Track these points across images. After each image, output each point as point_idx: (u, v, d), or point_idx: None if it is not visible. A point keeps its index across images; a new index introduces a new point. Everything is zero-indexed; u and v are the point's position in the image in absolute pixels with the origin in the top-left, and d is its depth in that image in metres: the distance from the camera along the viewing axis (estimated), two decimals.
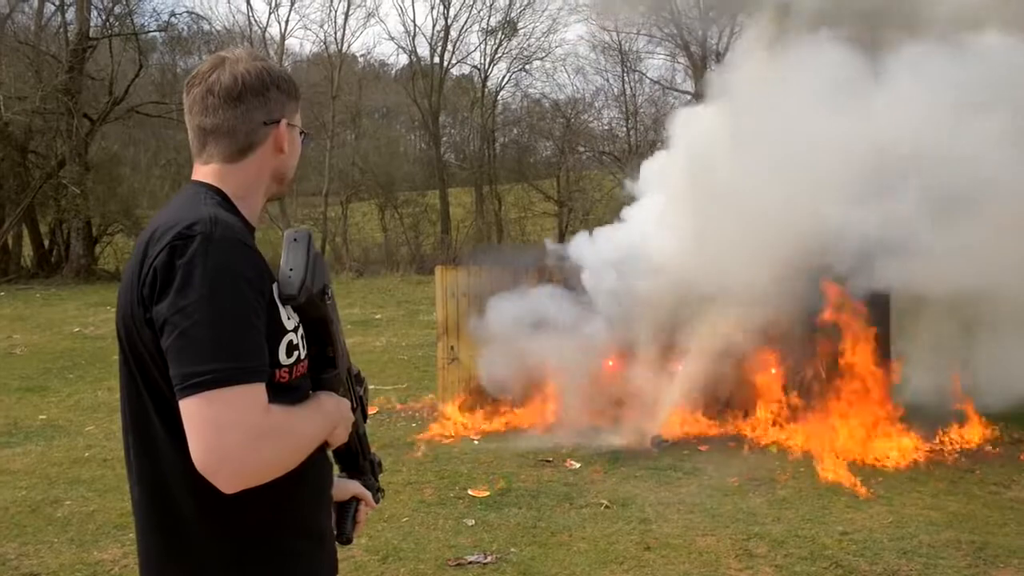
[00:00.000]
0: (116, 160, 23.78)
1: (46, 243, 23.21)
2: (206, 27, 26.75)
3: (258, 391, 1.44)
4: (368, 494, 1.90)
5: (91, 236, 22.25)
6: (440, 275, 7.91)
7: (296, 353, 1.58)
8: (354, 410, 1.79)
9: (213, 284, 1.42)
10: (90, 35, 22.00)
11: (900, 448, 6.39)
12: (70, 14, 22.76)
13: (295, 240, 1.57)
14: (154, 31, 24.86)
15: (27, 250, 23.33)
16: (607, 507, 5.39)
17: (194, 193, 1.61)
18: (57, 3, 23.10)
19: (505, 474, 6.07)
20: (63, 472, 6.25)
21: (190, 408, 1.40)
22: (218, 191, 1.62)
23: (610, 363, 7.34)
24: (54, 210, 22.41)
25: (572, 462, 6.35)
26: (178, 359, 1.42)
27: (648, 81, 25.32)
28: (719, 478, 5.97)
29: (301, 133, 1.74)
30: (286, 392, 1.54)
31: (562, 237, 19.67)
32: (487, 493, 5.66)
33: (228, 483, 1.42)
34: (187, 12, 28.91)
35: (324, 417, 1.63)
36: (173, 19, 25.47)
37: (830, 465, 6.03)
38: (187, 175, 1.71)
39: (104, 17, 22.91)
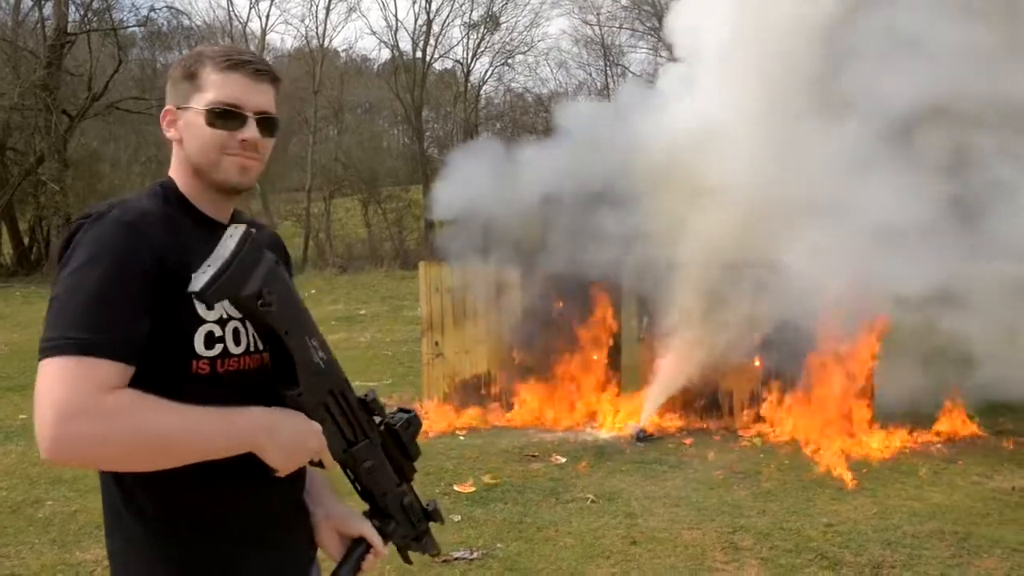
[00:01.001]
0: (96, 157, 23.57)
1: (26, 240, 22.99)
2: (186, 22, 26.60)
3: (101, 368, 1.37)
4: (377, 539, 1.72)
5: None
6: (424, 271, 7.88)
7: (221, 346, 1.54)
8: (356, 440, 1.65)
9: (81, 258, 1.42)
10: (68, 30, 21.77)
11: (883, 440, 6.43)
12: (48, 9, 22.49)
13: (229, 236, 1.48)
14: (133, 26, 24.71)
15: (6, 248, 23.10)
16: (593, 501, 5.39)
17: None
18: None
19: (491, 469, 6.06)
20: (44, 472, 6.19)
21: (38, 372, 1.40)
22: (171, 182, 1.63)
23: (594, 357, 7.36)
24: (33, 207, 22.23)
25: (558, 457, 6.35)
26: (44, 325, 1.43)
27: (631, 75, 25.36)
28: (704, 471, 5.98)
29: (216, 112, 1.56)
30: (210, 384, 1.51)
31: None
32: (473, 489, 5.65)
33: (43, 451, 1.36)
34: (167, 7, 28.57)
35: (229, 426, 1.48)
36: (152, 14, 25.33)
37: (815, 457, 6.06)
38: (167, 171, 1.68)
39: (82, 12, 22.71)
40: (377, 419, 1.72)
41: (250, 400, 1.53)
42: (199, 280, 1.43)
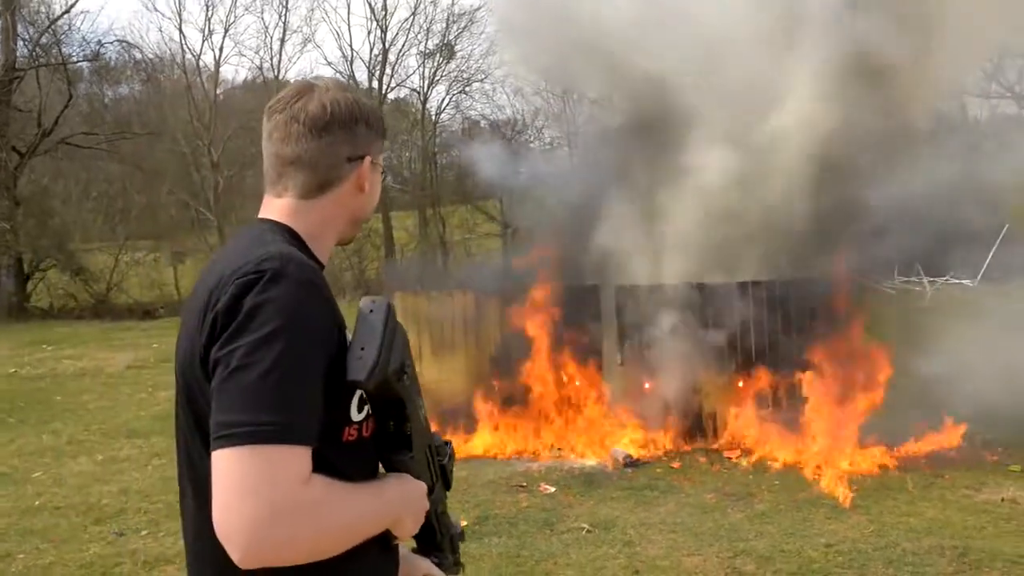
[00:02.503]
0: (46, 193, 23.00)
1: None
2: (137, 55, 26.15)
3: (299, 456, 1.26)
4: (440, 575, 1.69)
5: (23, 272, 21.46)
6: (400, 301, 7.75)
7: (367, 407, 1.45)
8: (433, 488, 1.59)
9: (276, 327, 1.27)
10: (16, 66, 21.33)
11: (869, 455, 6.43)
12: None
13: (371, 312, 1.39)
14: (82, 61, 24.20)
15: None
16: (589, 531, 5.29)
17: (260, 232, 1.47)
18: None
19: (480, 501, 5.93)
20: (13, 523, 5.90)
21: (219, 462, 1.24)
22: (288, 229, 1.49)
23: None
24: None
25: (546, 486, 6.24)
26: (219, 404, 1.27)
27: (587, 101, 25.54)
28: (696, 495, 5.92)
29: (383, 173, 1.61)
30: (355, 451, 1.41)
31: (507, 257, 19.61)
32: (465, 523, 5.51)
33: (239, 555, 1.23)
34: (117, 40, 28.17)
35: (384, 505, 1.43)
36: (102, 48, 24.73)
37: (808, 476, 6.04)
38: (120, 207, 1.60)
39: (31, 47, 22.25)
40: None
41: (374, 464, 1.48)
42: (359, 369, 1.35)
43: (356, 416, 1.42)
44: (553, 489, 6.18)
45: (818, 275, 7.05)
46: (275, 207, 1.52)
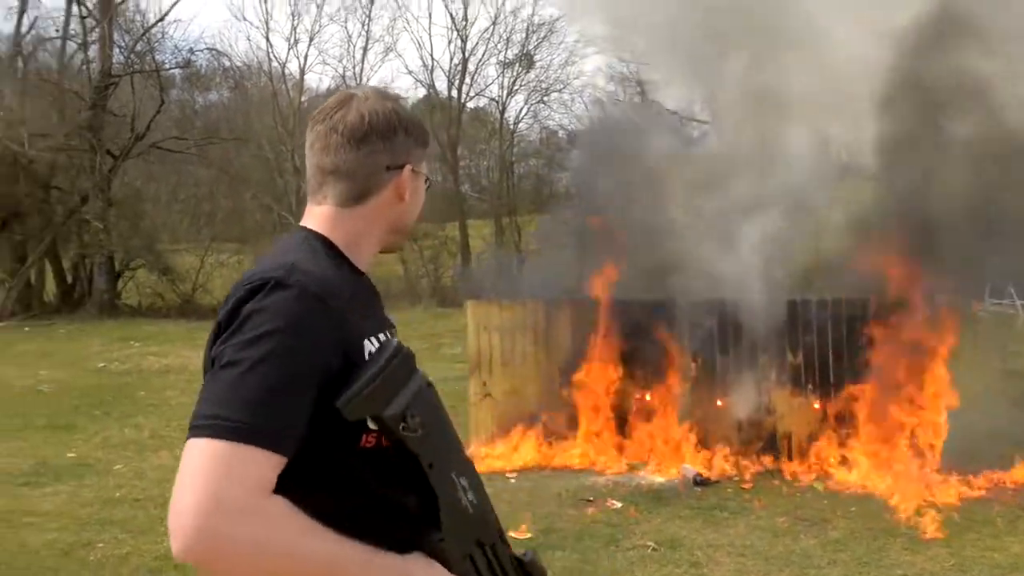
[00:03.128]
0: (138, 196, 23.92)
1: (69, 278, 23.30)
2: (226, 63, 26.97)
3: (260, 460, 1.23)
4: None
5: (114, 271, 22.33)
6: (472, 309, 7.80)
7: None
8: None
9: (266, 331, 1.29)
10: (112, 72, 22.23)
11: (952, 484, 6.18)
12: (92, 52, 23.00)
13: (380, 349, 1.39)
14: (175, 68, 25.11)
15: (49, 285, 23.43)
16: (654, 549, 5.22)
17: (294, 241, 1.51)
18: (79, 42, 23.37)
19: (545, 514, 5.90)
20: (94, 513, 6.13)
21: (185, 451, 1.25)
22: (324, 239, 1.51)
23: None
24: (77, 245, 22.54)
25: (613, 501, 6.19)
26: (201, 396, 1.29)
27: (666, 112, 25.32)
28: (767, 518, 5.78)
29: (426, 181, 1.62)
30: (374, 458, 1.38)
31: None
32: (529, 535, 5.50)
33: (177, 544, 1.20)
34: (207, 48, 29.05)
35: (362, 570, 1.33)
36: (193, 56, 25.62)
37: (888, 503, 5.84)
38: (207, 210, 1.61)
39: (126, 54, 23.16)
40: None
41: (407, 474, 1.39)
42: (342, 394, 1.32)
43: (372, 424, 1.38)
44: (620, 505, 6.12)
45: (906, 294, 6.81)
46: (315, 216, 1.54)
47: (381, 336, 1.47)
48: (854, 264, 7.26)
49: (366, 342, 1.41)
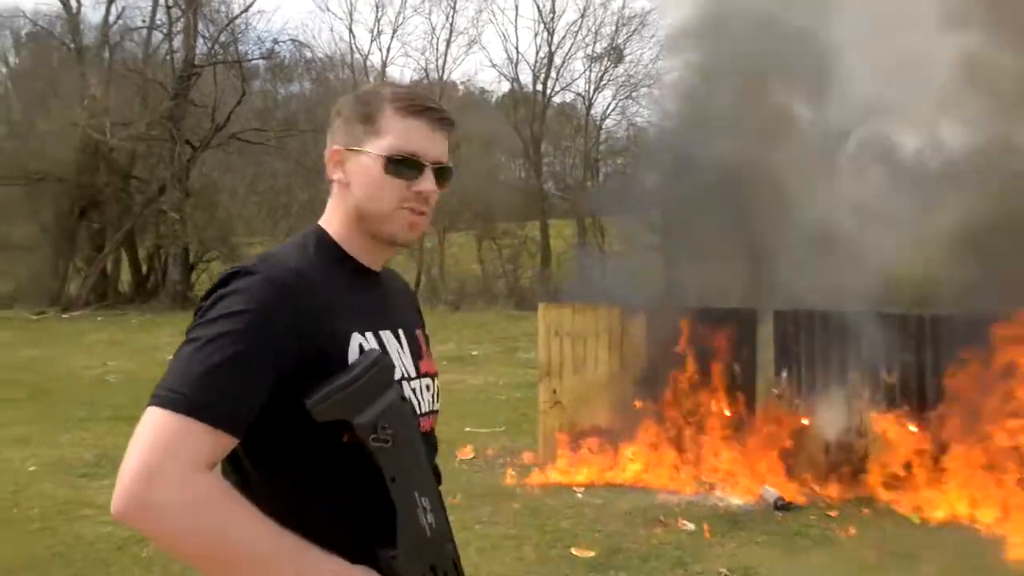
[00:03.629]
0: (215, 187, 24.65)
1: (144, 268, 24.15)
2: (308, 55, 27.57)
3: (199, 435, 1.29)
4: None
5: (188, 262, 23.06)
6: (543, 312, 7.72)
7: None
8: None
9: (224, 312, 1.36)
10: (195, 63, 22.96)
11: None
12: (177, 42, 23.82)
13: (361, 356, 1.44)
14: (257, 59, 25.78)
15: (124, 275, 24.32)
16: None
17: (298, 235, 1.59)
18: (165, 32, 24.21)
19: (612, 532, 5.78)
20: None
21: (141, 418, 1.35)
22: (322, 233, 1.58)
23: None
24: (153, 236, 23.36)
25: (685, 522, 6.02)
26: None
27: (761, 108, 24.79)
28: (853, 549, 5.54)
29: (395, 159, 1.51)
30: (357, 455, 1.39)
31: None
32: (593, 553, 5.39)
33: (113, 503, 1.28)
34: (290, 40, 29.79)
35: (295, 568, 1.33)
36: (276, 47, 26.29)
37: (989, 538, 5.54)
38: (283, 203, 1.63)
39: (209, 45, 23.91)
40: None
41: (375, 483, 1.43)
42: (314, 392, 1.36)
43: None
44: (693, 526, 5.95)
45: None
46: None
47: (385, 334, 1.53)
48: (960, 277, 6.94)
49: (356, 336, 1.46)
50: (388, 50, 39.12)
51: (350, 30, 39.36)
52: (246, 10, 24.12)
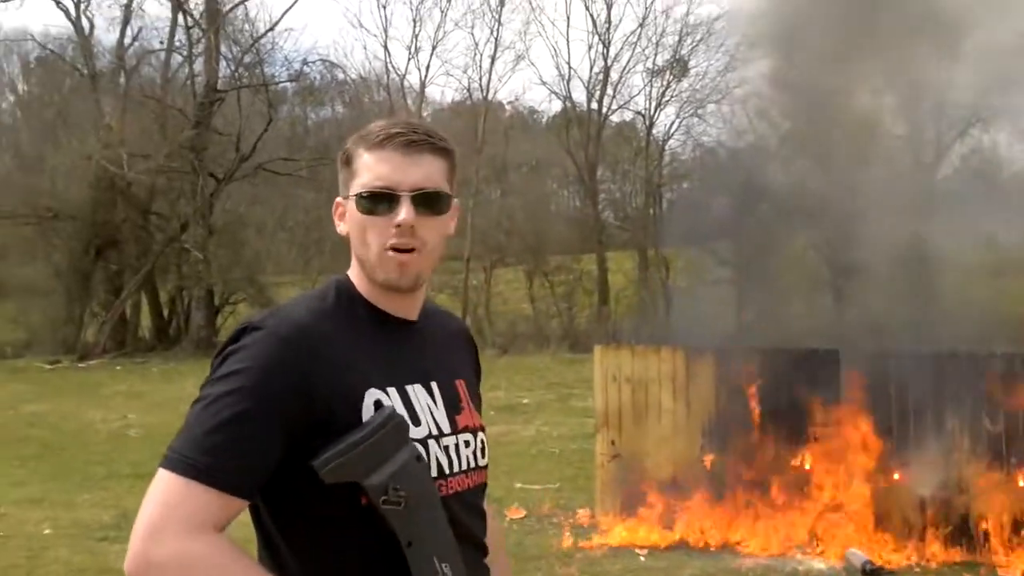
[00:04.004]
0: (241, 222, 25.02)
1: (166, 312, 24.58)
2: (340, 76, 28.12)
3: (197, 495, 1.42)
4: None
5: (213, 305, 23.42)
6: (600, 356, 7.80)
7: None
8: None
9: (227, 371, 1.49)
10: (218, 87, 23.46)
11: None
12: (198, 65, 24.36)
13: (374, 414, 1.52)
14: (285, 81, 26.34)
15: (145, 320, 24.77)
16: None
17: (321, 285, 1.71)
18: (185, 54, 24.80)
19: None
20: None
21: None
22: (347, 282, 1.68)
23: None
24: (175, 277, 23.77)
25: None
26: None
27: (845, 122, 24.68)
28: None
29: (364, 196, 1.59)
30: (367, 522, 1.49)
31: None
32: None
33: (125, 562, 1.43)
34: (320, 60, 30.44)
35: None
36: (305, 68, 26.87)
37: None
38: (315, 238, 1.77)
39: (233, 68, 24.48)
40: None
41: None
42: (322, 453, 1.46)
43: None
44: None
45: None
46: None
47: (413, 389, 1.60)
48: None
49: (373, 392, 1.54)
50: (427, 68, 39.74)
51: (385, 48, 39.76)
52: (272, 29, 24.67)
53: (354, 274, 1.67)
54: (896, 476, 6.76)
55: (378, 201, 1.57)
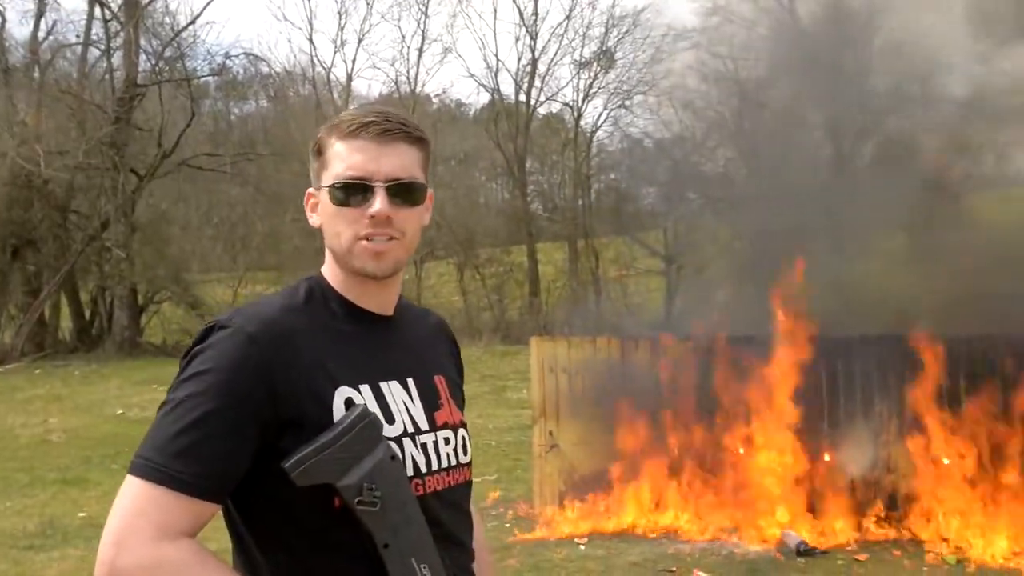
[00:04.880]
0: (164, 219, 24.62)
1: (87, 313, 24.04)
2: (264, 69, 27.78)
3: (162, 501, 1.40)
4: None
5: (136, 305, 22.98)
6: (536, 347, 7.83)
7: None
8: None
9: (192, 372, 1.46)
10: (138, 82, 23.01)
11: None
12: (117, 59, 23.83)
13: (344, 414, 1.48)
14: (207, 75, 25.93)
15: (65, 322, 24.20)
16: None
17: (294, 282, 1.67)
18: (102, 48, 24.25)
19: None
20: None
21: None
22: (318, 276, 1.65)
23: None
24: (96, 276, 23.27)
25: (700, 573, 6.11)
26: None
27: (770, 113, 25.11)
28: None
29: (337, 187, 1.55)
30: (344, 526, 1.46)
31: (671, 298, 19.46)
32: None
33: (94, 572, 1.41)
34: (244, 53, 30.04)
35: None
36: (228, 61, 26.48)
37: None
38: (241, 235, 1.73)
39: (153, 62, 24.00)
40: None
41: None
42: (293, 454, 1.43)
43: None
44: None
45: None
46: None
47: (388, 386, 1.57)
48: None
49: (345, 390, 1.51)
50: (354, 62, 39.52)
51: (311, 41, 39.62)
52: (193, 22, 24.24)
53: (327, 269, 1.64)
54: (827, 458, 6.91)
55: (352, 192, 1.54)
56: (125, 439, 11.69)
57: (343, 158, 1.55)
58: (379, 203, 1.53)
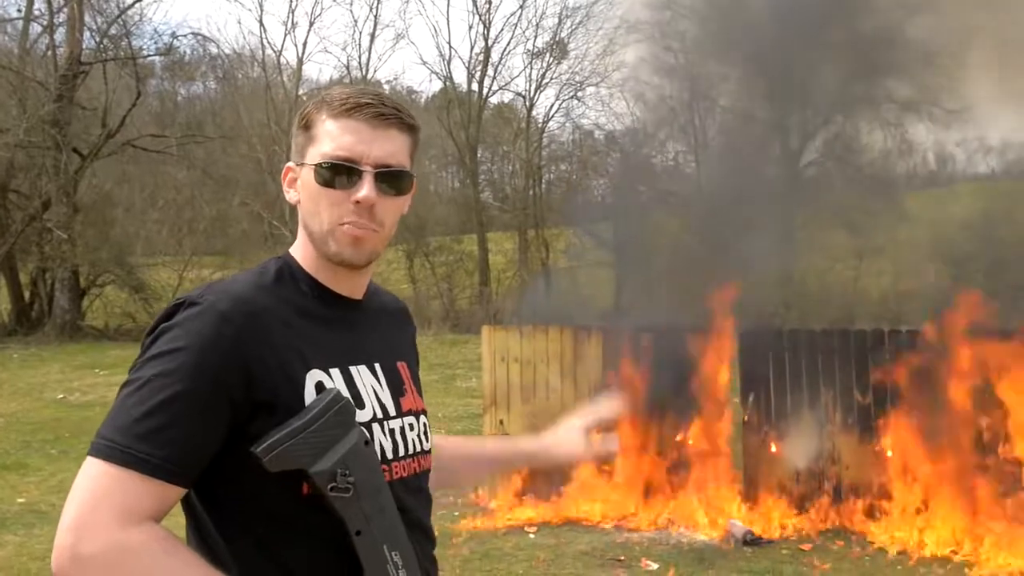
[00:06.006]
0: (108, 200, 24.20)
1: (26, 295, 23.57)
2: (213, 50, 27.39)
3: (127, 483, 1.35)
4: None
5: (78, 287, 22.58)
6: (488, 336, 7.84)
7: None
8: None
9: (159, 349, 1.41)
10: (82, 59, 22.57)
11: None
12: (59, 36, 23.38)
13: (317, 397, 1.45)
14: (154, 55, 25.53)
15: (4, 304, 23.72)
16: None
17: (263, 261, 1.63)
18: (45, 24, 23.77)
19: None
20: (46, 567, 6.19)
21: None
22: (287, 257, 1.61)
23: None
24: (37, 257, 22.79)
25: (648, 562, 6.18)
26: None
27: (720, 108, 25.36)
28: None
29: (324, 166, 1.51)
30: (320, 506, 1.42)
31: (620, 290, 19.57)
32: None
33: (54, 560, 1.35)
34: (192, 33, 29.61)
35: None
36: (176, 41, 26.07)
37: (977, 570, 5.78)
38: (187, 218, 1.70)
39: (98, 39, 23.54)
40: None
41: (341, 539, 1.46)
42: (265, 439, 1.38)
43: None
44: (656, 566, 6.12)
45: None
46: None
47: (357, 370, 1.54)
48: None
49: (316, 373, 1.47)
50: (305, 45, 39.00)
51: (260, 23, 39.23)
52: None
53: (299, 248, 1.60)
54: (773, 448, 7.02)
55: (338, 173, 1.50)
56: (66, 424, 11.51)
57: (333, 137, 1.51)
58: (366, 189, 1.50)
